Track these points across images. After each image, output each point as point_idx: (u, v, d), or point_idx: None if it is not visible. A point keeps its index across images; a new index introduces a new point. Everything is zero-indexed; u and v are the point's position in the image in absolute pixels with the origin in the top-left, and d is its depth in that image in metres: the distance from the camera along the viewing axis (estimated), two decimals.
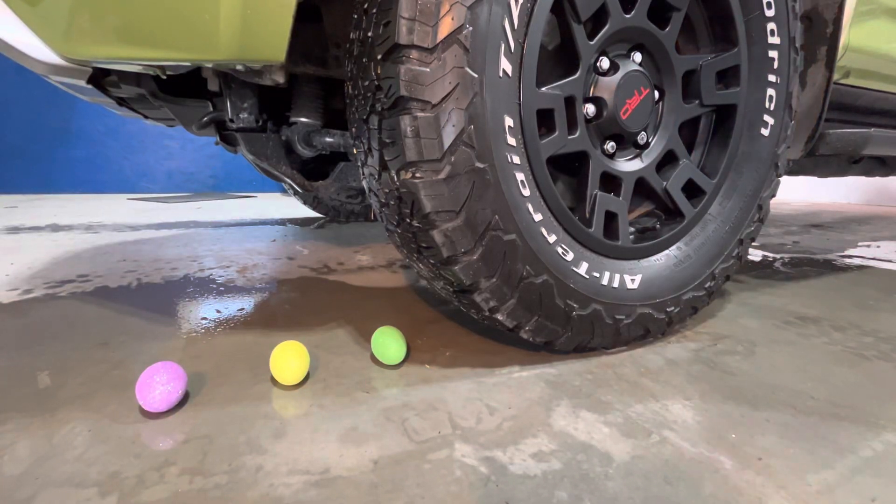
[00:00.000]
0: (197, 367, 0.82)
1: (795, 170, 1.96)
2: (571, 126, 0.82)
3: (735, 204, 1.01)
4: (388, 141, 0.70)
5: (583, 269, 0.84)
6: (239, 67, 0.76)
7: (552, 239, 0.80)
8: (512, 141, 0.74)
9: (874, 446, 0.63)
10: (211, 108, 1.11)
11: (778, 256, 1.97)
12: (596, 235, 0.86)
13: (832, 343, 0.99)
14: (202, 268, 1.60)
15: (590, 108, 0.86)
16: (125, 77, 0.95)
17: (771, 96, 0.99)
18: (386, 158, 0.71)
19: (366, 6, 0.71)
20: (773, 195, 1.07)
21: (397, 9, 0.64)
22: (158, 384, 0.66)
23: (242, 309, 1.16)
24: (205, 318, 1.09)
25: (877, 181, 4.62)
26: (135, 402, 0.69)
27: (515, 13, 0.70)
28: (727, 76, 0.98)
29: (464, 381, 0.78)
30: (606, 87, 0.85)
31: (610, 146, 0.91)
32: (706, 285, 0.99)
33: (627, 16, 0.83)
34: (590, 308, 0.84)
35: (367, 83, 0.71)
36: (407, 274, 1.54)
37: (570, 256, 0.82)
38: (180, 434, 0.63)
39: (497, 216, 0.73)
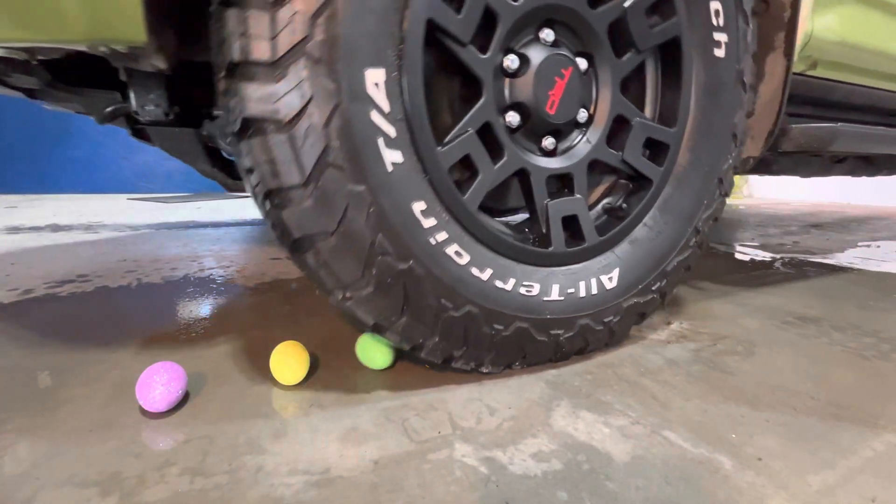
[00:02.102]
0: (197, 367, 0.82)
1: (775, 169, 1.88)
2: (496, 152, 0.75)
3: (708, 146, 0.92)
4: (247, 167, 0.62)
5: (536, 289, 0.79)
6: (103, 50, 0.66)
7: (485, 275, 0.74)
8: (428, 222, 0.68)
9: (874, 446, 0.63)
10: (120, 99, 1.01)
11: (778, 256, 1.97)
12: (558, 250, 0.80)
13: (832, 343, 0.99)
14: (202, 268, 1.60)
15: (511, 119, 0.78)
16: (12, 64, 0.86)
17: (717, 10, 0.86)
18: (252, 184, 0.64)
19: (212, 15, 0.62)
20: (743, 137, 0.97)
21: (229, 22, 0.57)
22: (158, 384, 0.66)
23: (242, 309, 1.16)
24: (205, 318, 1.09)
25: (877, 181, 4.62)
26: (135, 402, 0.69)
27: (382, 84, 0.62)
28: (660, 7, 0.85)
29: (464, 381, 0.78)
30: (521, 89, 0.76)
31: (549, 143, 0.82)
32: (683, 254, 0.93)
33: (517, 2, 0.70)
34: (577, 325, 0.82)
35: (222, 103, 0.63)
36: None
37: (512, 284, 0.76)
38: (180, 434, 0.63)
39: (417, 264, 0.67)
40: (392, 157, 0.64)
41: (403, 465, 0.57)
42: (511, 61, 0.75)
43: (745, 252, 2.06)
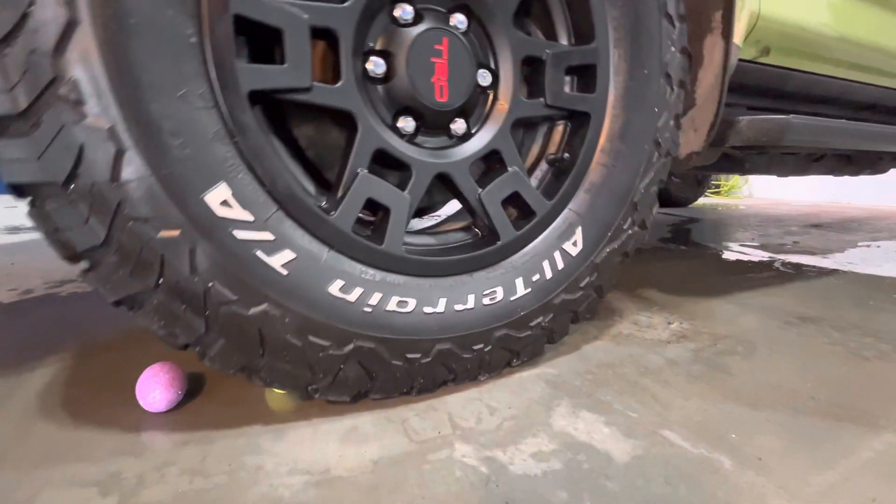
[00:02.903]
0: (197, 367, 0.82)
1: (748, 168, 1.79)
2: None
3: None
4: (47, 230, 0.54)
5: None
6: None
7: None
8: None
9: (874, 446, 0.63)
10: None
11: (778, 256, 1.97)
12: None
13: (832, 343, 0.99)
14: None
15: (405, 126, 0.70)
16: None
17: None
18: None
19: None
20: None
21: None
22: (158, 384, 0.66)
23: None
24: None
25: (877, 180, 4.61)
26: (135, 402, 0.69)
27: None
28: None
29: (464, 382, 0.78)
30: (398, 91, 0.68)
31: (459, 128, 0.74)
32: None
33: (346, 2, 0.62)
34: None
35: None
36: None
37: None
38: (180, 434, 0.63)
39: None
40: (278, 259, 0.60)
41: (403, 465, 0.57)
42: (375, 65, 0.67)
43: (745, 252, 2.06)
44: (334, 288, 0.65)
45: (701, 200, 5.27)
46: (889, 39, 1.29)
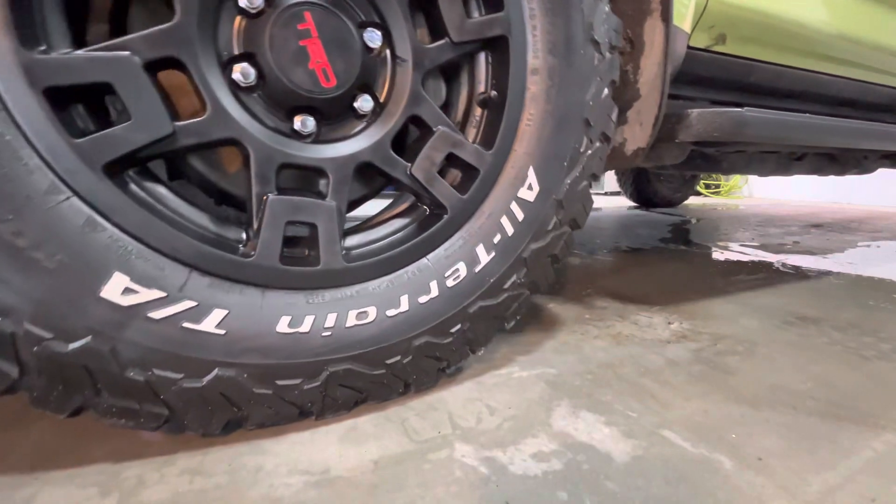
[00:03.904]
0: None
1: (725, 167, 1.72)
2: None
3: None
4: None
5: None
6: None
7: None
8: None
9: (874, 446, 0.63)
10: None
11: (778, 256, 1.97)
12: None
13: (832, 343, 0.99)
14: None
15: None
16: None
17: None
18: None
19: None
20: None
21: None
22: None
23: None
24: None
25: (877, 181, 4.61)
26: None
27: None
28: None
29: (464, 382, 0.78)
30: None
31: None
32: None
33: None
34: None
35: None
36: None
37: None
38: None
39: None
40: None
41: (403, 465, 0.57)
42: (242, 75, 0.58)
43: (745, 252, 2.06)
44: (283, 326, 0.61)
45: (701, 200, 5.27)
46: (864, 29, 1.20)
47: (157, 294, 0.54)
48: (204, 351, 0.57)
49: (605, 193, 5.92)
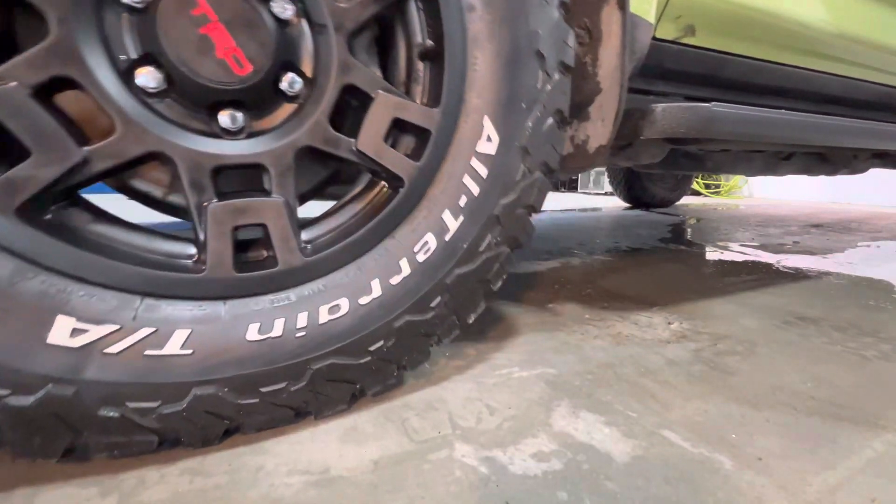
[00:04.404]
0: None
1: (710, 166, 1.68)
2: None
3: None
4: None
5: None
6: None
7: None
8: None
9: (874, 446, 0.63)
10: None
11: (778, 256, 1.97)
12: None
13: (832, 343, 0.99)
14: None
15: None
16: None
17: None
18: None
19: None
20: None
21: None
22: None
23: None
24: None
25: (877, 181, 4.61)
26: None
27: None
28: None
29: (464, 381, 0.78)
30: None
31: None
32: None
33: None
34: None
35: None
36: None
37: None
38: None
39: None
40: None
41: (403, 465, 0.57)
42: (147, 80, 0.53)
43: (745, 252, 2.06)
44: (253, 334, 0.59)
45: (701, 200, 5.27)
46: (847, 22, 1.12)
47: (109, 328, 0.52)
48: (175, 374, 0.55)
49: (605, 193, 5.92)
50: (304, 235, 0.65)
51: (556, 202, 4.79)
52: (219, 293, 0.58)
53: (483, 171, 0.70)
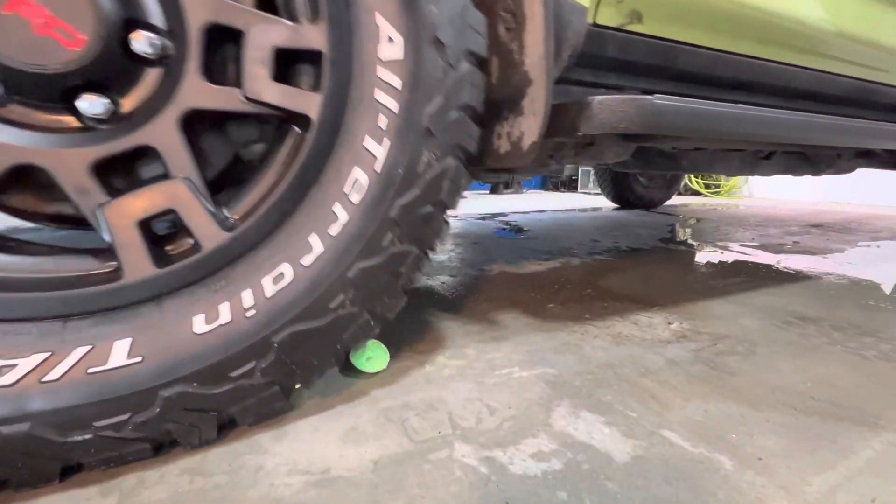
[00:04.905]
0: None
1: (685, 166, 1.57)
2: None
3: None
4: None
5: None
6: None
7: None
8: None
9: (874, 446, 0.63)
10: None
11: (778, 256, 1.97)
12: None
13: (832, 343, 0.99)
14: None
15: None
16: None
17: None
18: None
19: None
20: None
21: None
22: None
23: None
24: None
25: (877, 181, 4.62)
26: None
27: None
28: None
29: (464, 381, 0.78)
30: None
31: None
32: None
33: None
34: None
35: None
36: None
37: None
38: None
39: None
40: None
41: (403, 465, 0.57)
42: None
43: (745, 252, 2.06)
44: (200, 326, 0.56)
45: (701, 200, 5.27)
46: (813, 9, 1.03)
47: (39, 358, 0.50)
48: (132, 384, 0.53)
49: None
50: (228, 210, 0.60)
51: (557, 202, 4.79)
52: (147, 294, 0.55)
53: (396, 81, 0.61)
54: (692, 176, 5.96)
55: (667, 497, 0.53)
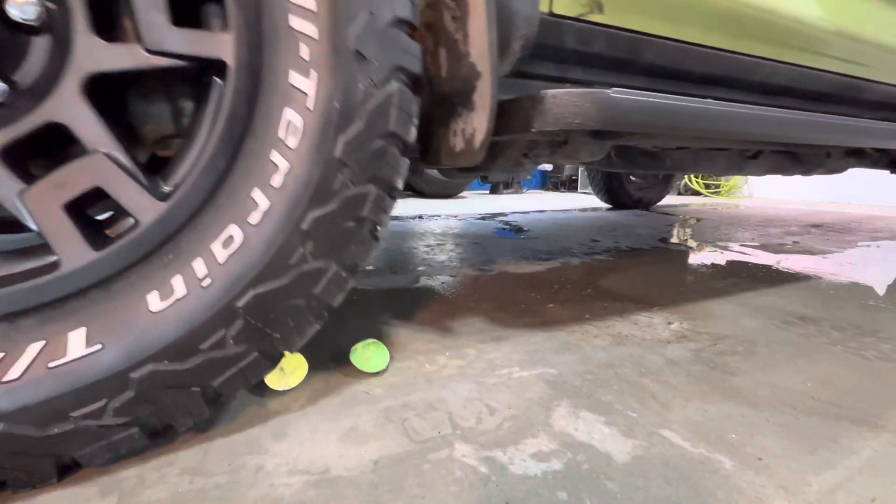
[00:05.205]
0: None
1: (670, 166, 1.58)
2: None
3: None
4: None
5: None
6: None
7: None
8: None
9: (874, 446, 0.63)
10: None
11: (778, 256, 1.97)
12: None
13: (832, 343, 0.99)
14: None
15: None
16: None
17: None
18: None
19: None
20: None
21: None
22: None
23: None
24: None
25: (877, 181, 4.61)
26: None
27: None
28: None
29: (464, 381, 0.78)
30: None
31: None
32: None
33: None
34: None
35: None
36: (405, 278, 1.54)
37: None
38: (180, 434, 0.63)
39: None
40: None
41: (403, 465, 0.57)
42: None
43: (745, 252, 2.06)
44: (156, 304, 0.54)
45: (701, 200, 5.27)
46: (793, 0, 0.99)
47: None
48: (98, 371, 0.51)
49: None
50: (164, 180, 0.56)
51: (556, 202, 4.79)
52: (91, 280, 0.52)
53: (310, 3, 0.55)
54: (692, 176, 5.96)
55: (667, 497, 0.53)
